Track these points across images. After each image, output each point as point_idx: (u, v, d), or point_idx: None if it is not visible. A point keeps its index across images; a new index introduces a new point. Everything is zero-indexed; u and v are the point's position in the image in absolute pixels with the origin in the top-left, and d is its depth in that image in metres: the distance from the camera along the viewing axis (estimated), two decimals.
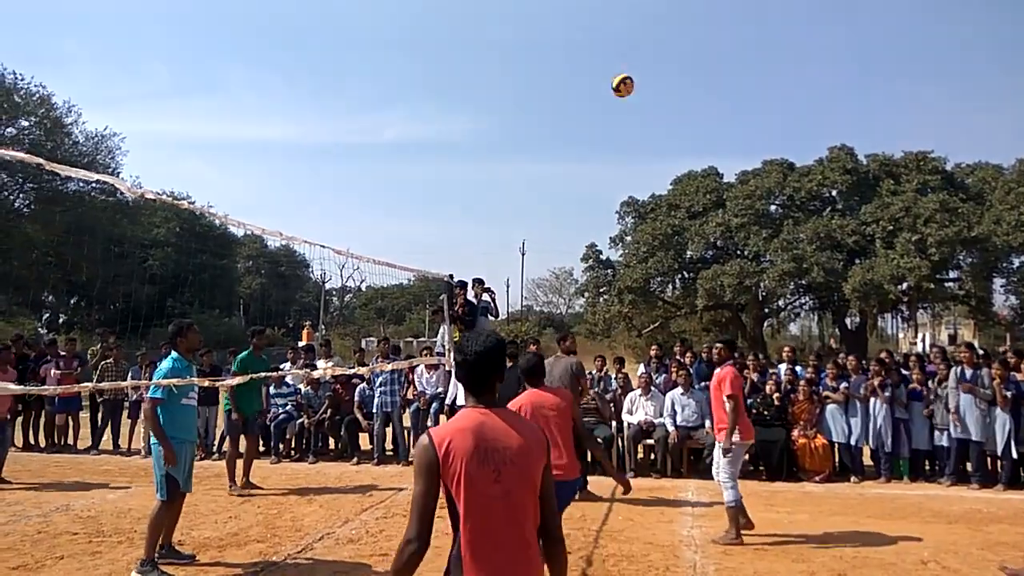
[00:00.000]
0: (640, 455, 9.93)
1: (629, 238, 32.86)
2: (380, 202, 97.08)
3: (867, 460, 9.59)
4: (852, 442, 9.36)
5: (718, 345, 7.00)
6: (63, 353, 11.92)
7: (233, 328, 39.39)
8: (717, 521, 6.84)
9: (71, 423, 11.71)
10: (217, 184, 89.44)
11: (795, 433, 9.36)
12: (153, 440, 5.58)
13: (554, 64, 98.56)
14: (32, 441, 11.60)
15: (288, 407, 10.87)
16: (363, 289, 61.16)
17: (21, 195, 30.31)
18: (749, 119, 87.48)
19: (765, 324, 34.82)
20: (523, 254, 61.85)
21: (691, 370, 10.21)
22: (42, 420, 11.64)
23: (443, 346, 10.77)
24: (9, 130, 28.26)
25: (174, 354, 5.78)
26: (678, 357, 10.97)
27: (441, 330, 11.24)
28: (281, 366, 11.70)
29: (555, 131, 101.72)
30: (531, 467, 2.40)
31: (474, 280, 11.33)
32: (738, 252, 30.07)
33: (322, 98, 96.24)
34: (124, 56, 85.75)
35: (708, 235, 29.94)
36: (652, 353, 11.56)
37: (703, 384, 10.07)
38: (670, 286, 32.98)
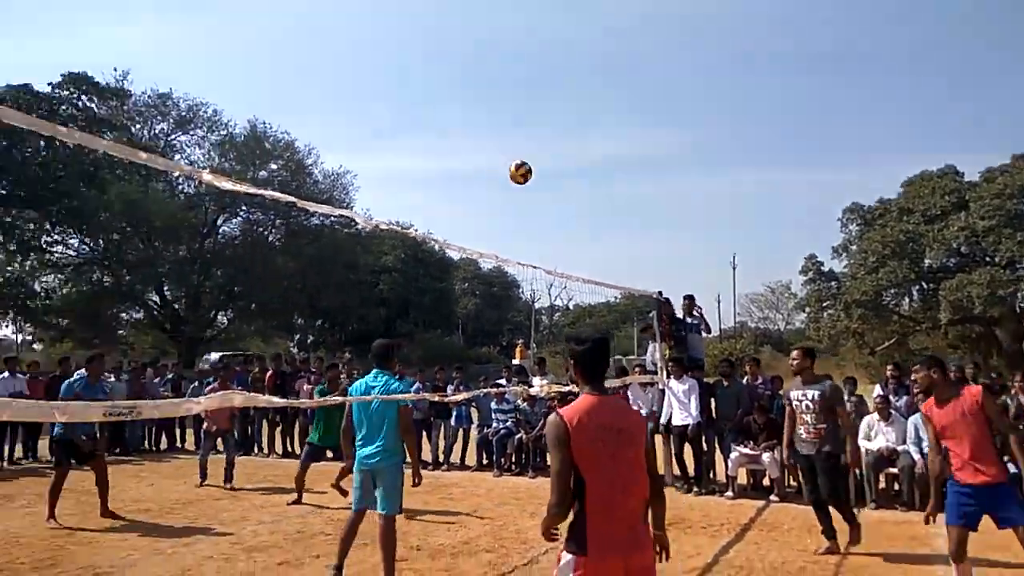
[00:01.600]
0: (882, 485, 9.07)
1: (854, 247, 30.48)
2: (586, 221, 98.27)
3: None
4: None
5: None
6: (313, 369, 13.33)
7: (452, 346, 41.84)
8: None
9: None
10: (432, 213, 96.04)
11: None
12: (390, 456, 5.34)
13: (756, 76, 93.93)
14: (288, 449, 12.97)
15: (508, 423, 11.30)
16: (571, 308, 62.19)
17: (272, 230, 34.21)
18: (988, 112, 77.63)
19: None
20: (734, 268, 59.17)
21: None
22: (296, 430, 13.01)
23: (654, 364, 10.62)
24: (262, 173, 31.91)
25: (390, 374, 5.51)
26: None
27: (651, 348, 11.09)
28: (497, 381, 12.31)
29: (760, 141, 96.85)
30: (636, 443, 2.89)
31: (684, 297, 11.10)
32: (987, 259, 26.78)
33: (525, 126, 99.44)
34: (349, 101, 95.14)
35: (949, 241, 27.02)
36: (888, 373, 10.59)
37: None
38: (906, 298, 30.17)
